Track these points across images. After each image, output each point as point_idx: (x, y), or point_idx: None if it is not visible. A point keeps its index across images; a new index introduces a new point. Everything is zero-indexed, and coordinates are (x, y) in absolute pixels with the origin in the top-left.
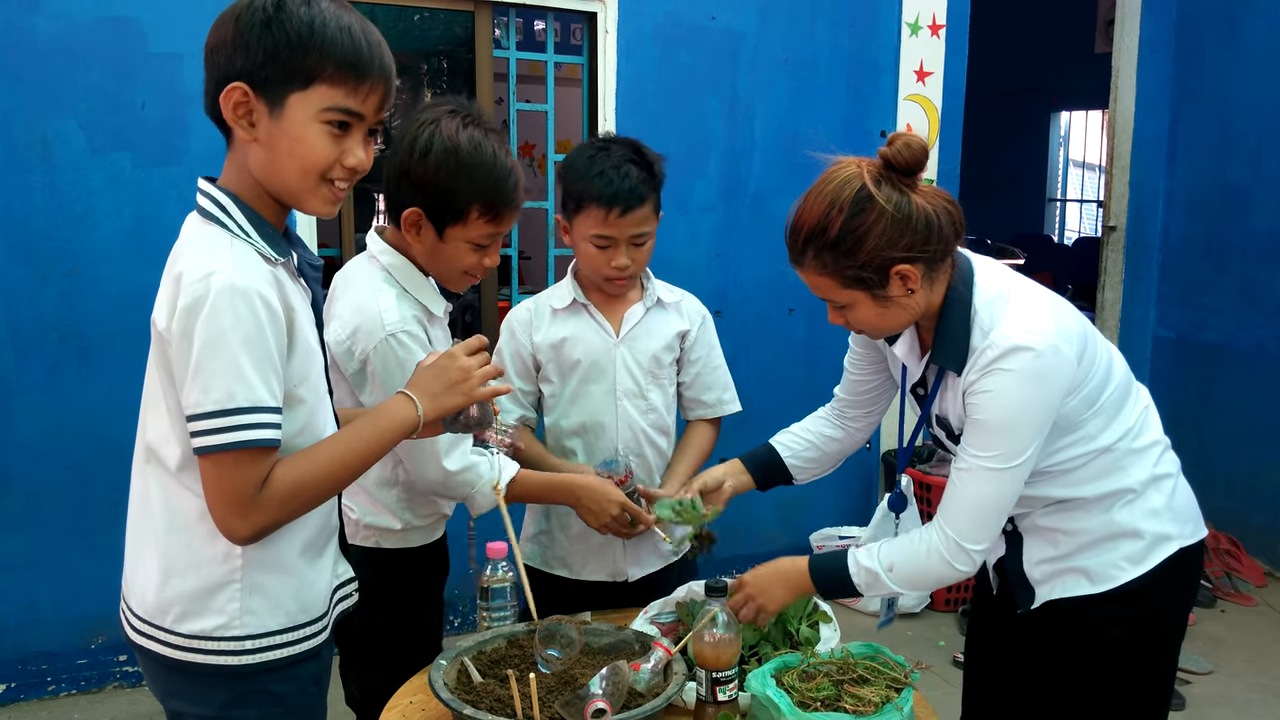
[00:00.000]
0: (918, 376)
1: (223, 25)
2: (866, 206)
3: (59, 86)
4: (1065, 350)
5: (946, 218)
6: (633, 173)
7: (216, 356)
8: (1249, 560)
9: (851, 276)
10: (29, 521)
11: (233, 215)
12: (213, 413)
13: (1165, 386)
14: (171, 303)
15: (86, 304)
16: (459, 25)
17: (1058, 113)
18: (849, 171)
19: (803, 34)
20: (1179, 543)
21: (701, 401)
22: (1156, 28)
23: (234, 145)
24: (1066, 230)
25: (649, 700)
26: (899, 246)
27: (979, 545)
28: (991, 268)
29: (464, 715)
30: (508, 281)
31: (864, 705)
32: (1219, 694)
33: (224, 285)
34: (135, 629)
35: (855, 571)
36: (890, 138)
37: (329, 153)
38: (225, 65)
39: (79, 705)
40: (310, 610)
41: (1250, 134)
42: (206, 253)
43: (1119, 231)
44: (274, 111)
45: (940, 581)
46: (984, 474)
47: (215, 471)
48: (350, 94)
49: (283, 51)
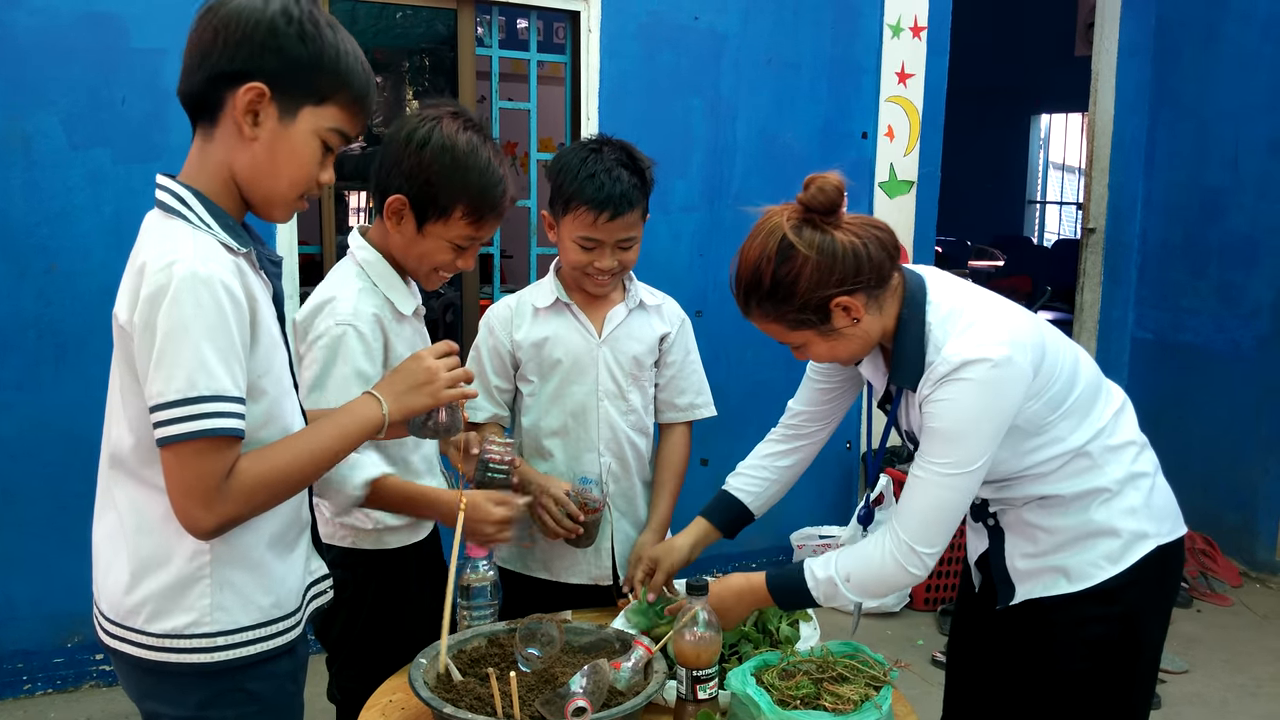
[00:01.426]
0: (882, 393)
1: (243, 21)
2: (791, 254)
3: (39, 82)
4: (1019, 360)
5: (875, 245)
6: (624, 177)
7: (179, 345)
8: (1224, 560)
9: (794, 320)
10: (4, 519)
11: (193, 208)
12: (175, 401)
13: (1143, 387)
14: (134, 294)
15: (64, 301)
16: (441, 22)
17: (1038, 115)
18: (772, 222)
19: (785, 35)
20: (1156, 541)
21: (674, 405)
22: (1136, 32)
23: (208, 139)
24: (1046, 232)
25: (629, 699)
26: (830, 284)
27: (930, 549)
28: (945, 283)
29: (444, 714)
30: (490, 280)
31: (843, 703)
32: (1195, 693)
33: (186, 274)
34: (107, 632)
35: (813, 585)
36: (806, 181)
37: (316, 168)
38: (245, 60)
39: (55, 704)
40: (283, 605)
41: (1228, 138)
42: (168, 242)
43: (1098, 234)
44: (284, 118)
45: (895, 587)
46: (937, 479)
47: (177, 461)
48: (351, 120)
49: (311, 67)
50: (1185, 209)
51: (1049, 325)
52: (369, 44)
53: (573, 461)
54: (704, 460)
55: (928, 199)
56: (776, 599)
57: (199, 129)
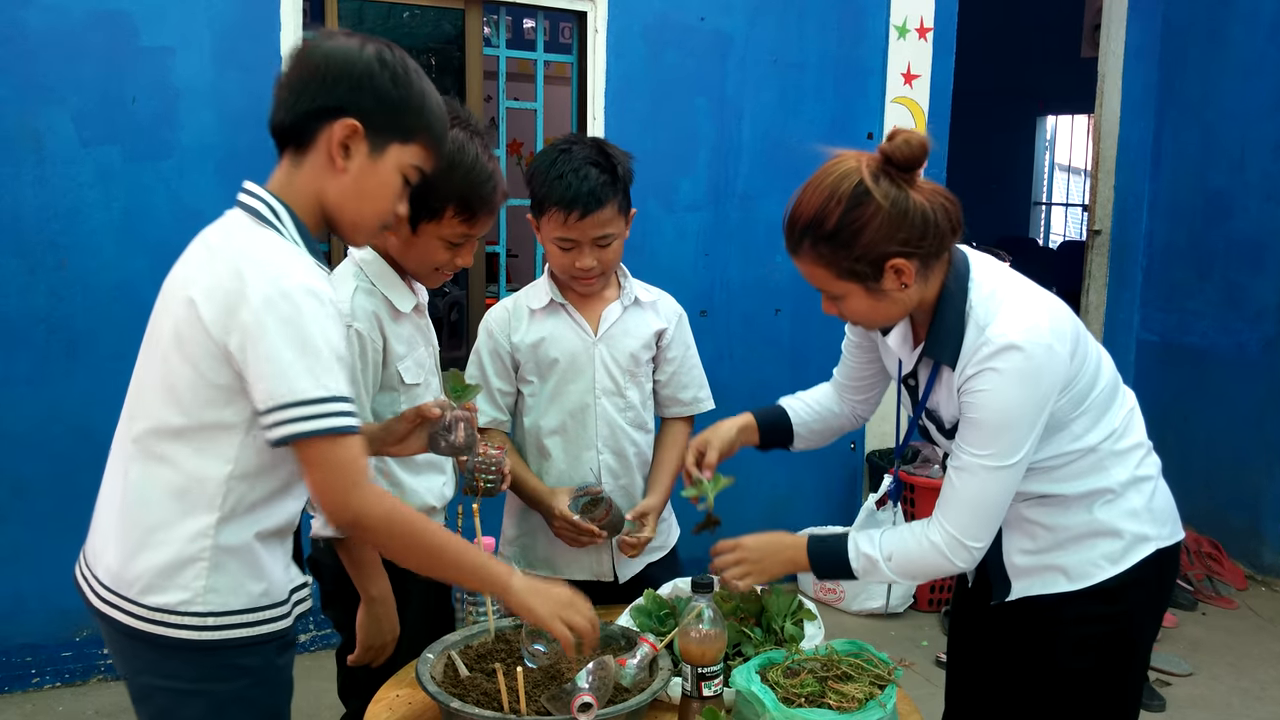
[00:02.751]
0: (910, 368)
1: (342, 61)
2: (864, 200)
3: (50, 79)
4: (1059, 349)
5: (943, 214)
6: (593, 175)
7: (303, 350)
8: (1230, 563)
9: (846, 269)
10: (14, 514)
11: (285, 223)
12: (308, 400)
13: (1148, 389)
14: (234, 295)
15: (75, 297)
16: (448, 22)
17: (1043, 117)
18: (848, 165)
19: (791, 36)
20: (1157, 544)
21: (678, 400)
22: (1143, 34)
23: (297, 165)
24: (1051, 234)
25: (635, 695)
26: (895, 241)
27: (978, 542)
28: (988, 264)
29: (451, 708)
30: (495, 279)
31: (848, 701)
32: (1199, 696)
33: (303, 286)
34: (99, 596)
35: (855, 556)
36: (891, 133)
37: (396, 200)
38: (343, 97)
39: (63, 698)
40: (271, 595)
41: (1234, 140)
42: (276, 254)
43: (1104, 235)
44: (373, 153)
45: (937, 574)
46: (981, 472)
47: (318, 454)
48: (429, 158)
49: (401, 108)
50: (1191, 211)
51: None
52: None
53: (572, 460)
54: None
55: None
56: (814, 562)
57: (288, 154)
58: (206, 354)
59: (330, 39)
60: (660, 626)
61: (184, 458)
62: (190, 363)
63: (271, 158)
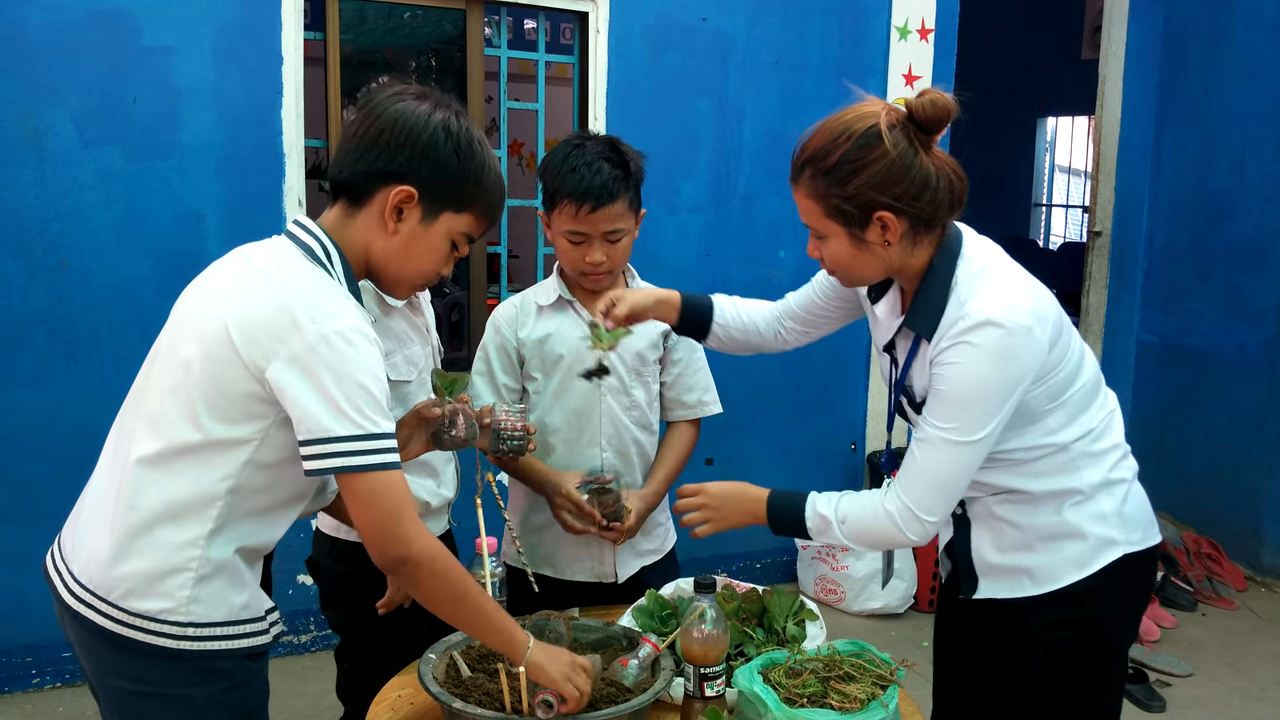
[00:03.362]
0: (889, 338)
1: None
2: (873, 143)
3: (51, 79)
4: (1038, 333)
5: (946, 185)
6: (605, 169)
7: (354, 389)
8: (1229, 564)
9: (835, 206)
10: (15, 514)
11: (334, 266)
12: (358, 436)
13: (1148, 391)
14: (280, 329)
15: (76, 298)
16: (449, 22)
17: (1044, 118)
18: (870, 109)
19: (792, 37)
20: (1124, 549)
21: (682, 403)
22: (1143, 35)
23: (350, 216)
24: (1052, 235)
25: (637, 695)
26: (889, 193)
27: (933, 516)
28: (980, 242)
29: (453, 709)
30: (496, 280)
31: (850, 702)
32: (1199, 697)
33: (352, 328)
34: (74, 594)
35: (810, 516)
36: (921, 91)
37: (442, 264)
38: (404, 164)
39: (63, 698)
40: (251, 609)
41: (1234, 141)
42: (327, 295)
43: (1104, 237)
44: (426, 220)
45: (889, 544)
46: (943, 445)
47: (365, 488)
48: (480, 226)
49: (460, 179)
50: (1191, 212)
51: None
52: (377, 43)
53: (575, 457)
54: (709, 460)
55: None
56: (771, 518)
57: (343, 202)
58: (235, 375)
59: (400, 100)
60: (662, 627)
61: (188, 469)
62: (214, 379)
63: (273, 159)
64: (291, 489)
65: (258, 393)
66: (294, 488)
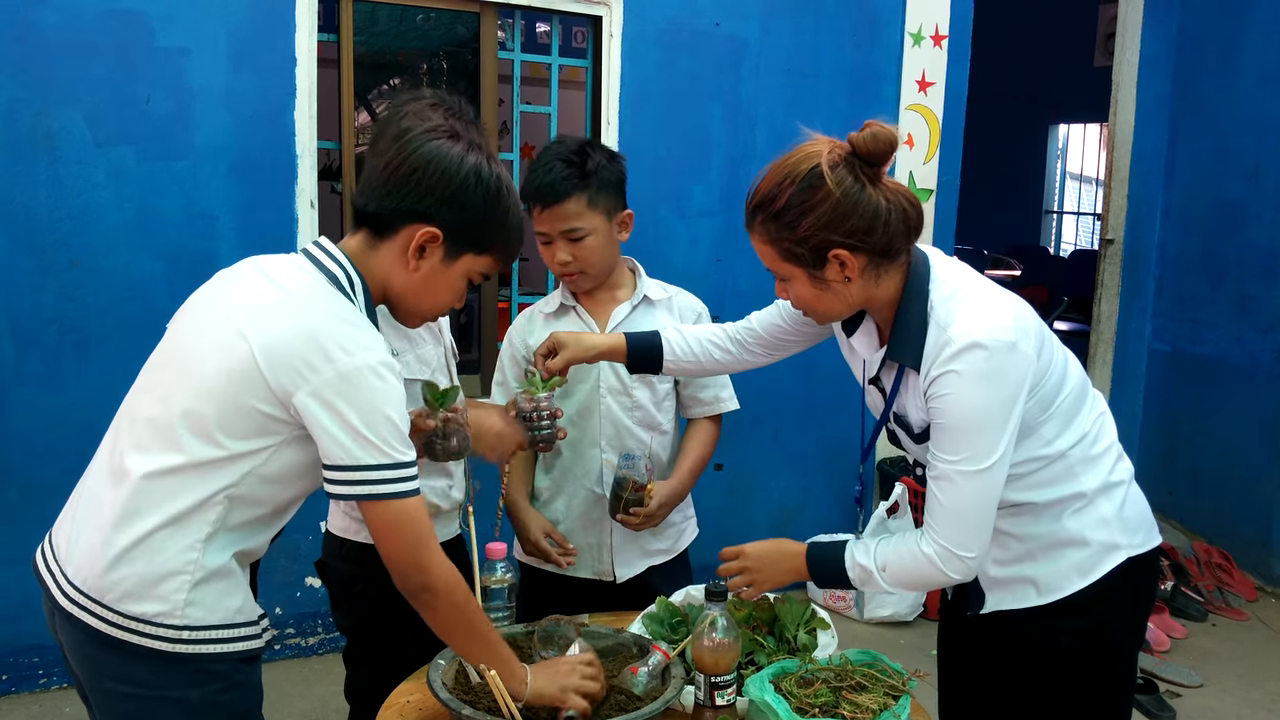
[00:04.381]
0: (874, 372)
1: (440, 170)
2: (815, 185)
3: (64, 79)
4: (1023, 346)
5: (899, 215)
6: (557, 169)
7: (379, 420)
8: (1240, 574)
9: (788, 250)
10: (25, 514)
11: (357, 295)
12: (383, 465)
13: (1159, 400)
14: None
15: (87, 297)
16: (462, 25)
17: (1055, 125)
18: (813, 149)
19: (805, 42)
20: (1127, 552)
21: (699, 400)
22: (1157, 43)
23: (373, 246)
24: (1063, 243)
25: (647, 704)
26: (839, 231)
27: (971, 551)
28: (948, 265)
29: (462, 715)
30: (507, 283)
31: (861, 712)
32: (1209, 708)
33: (379, 362)
34: (68, 596)
35: (850, 566)
36: (866, 124)
37: (457, 298)
38: (432, 206)
39: (70, 698)
40: (245, 613)
41: (1248, 150)
42: (353, 327)
43: (1116, 244)
44: (447, 260)
45: (932, 585)
46: (959, 479)
47: (388, 516)
48: (498, 266)
49: (485, 224)
50: (1204, 221)
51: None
52: (389, 46)
53: (577, 458)
54: (718, 465)
55: (947, 207)
56: (812, 572)
57: (365, 233)
58: (258, 397)
59: (434, 138)
60: (673, 634)
61: (192, 480)
62: (235, 401)
63: (285, 161)
64: (290, 498)
65: (278, 415)
66: (292, 497)
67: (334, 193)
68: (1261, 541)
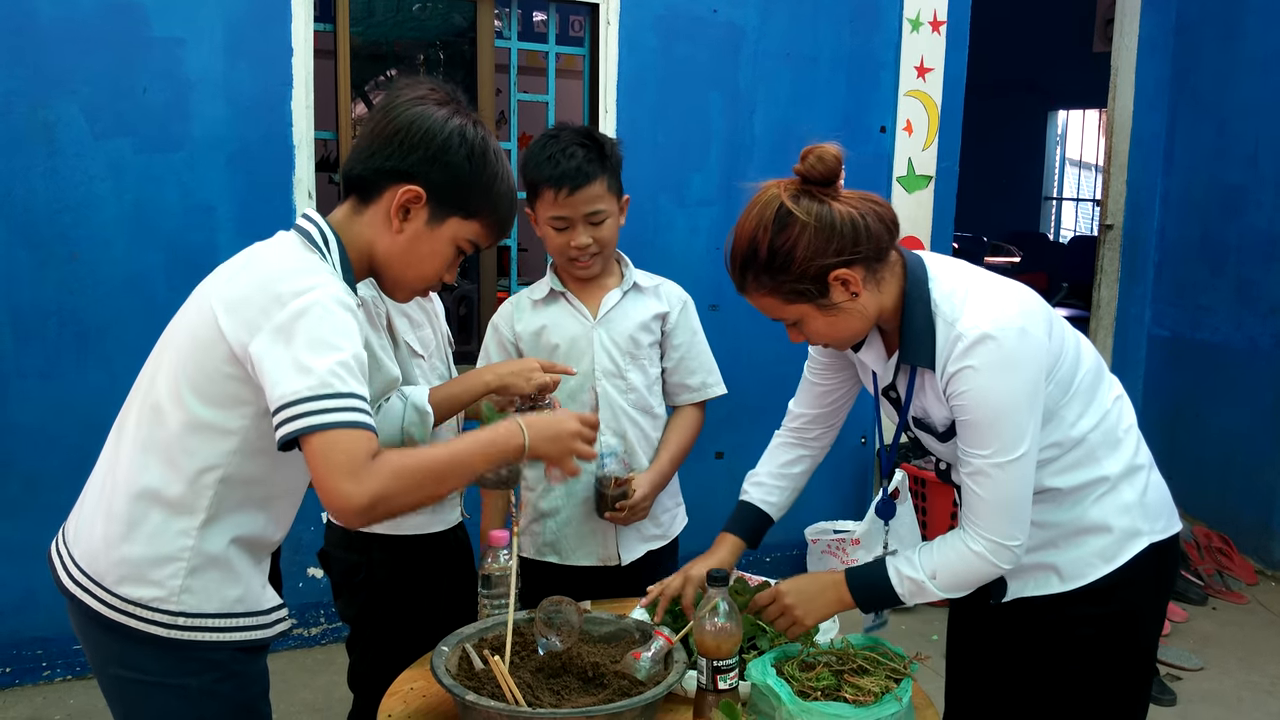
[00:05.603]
0: (889, 380)
1: (422, 129)
2: (788, 222)
3: (61, 70)
4: (1032, 330)
5: (874, 218)
6: (579, 153)
7: (320, 351)
8: (1240, 558)
9: (790, 291)
10: (26, 507)
11: (331, 253)
12: (314, 396)
13: (1160, 385)
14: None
15: (86, 289)
16: (459, 15)
17: (1054, 111)
18: (769, 194)
19: (804, 29)
20: (1149, 538)
21: (686, 385)
22: (1156, 28)
23: (359, 213)
24: (1062, 229)
25: (649, 689)
26: (829, 253)
27: (1016, 540)
28: (944, 262)
29: (465, 701)
30: (506, 273)
31: (863, 695)
32: (1209, 691)
33: (330, 297)
34: (73, 578)
35: (898, 582)
36: (804, 153)
37: (445, 269)
38: (415, 165)
39: (73, 690)
40: (246, 603)
41: (1248, 135)
42: (311, 271)
43: (1116, 230)
44: (432, 222)
45: (985, 580)
46: (993, 471)
47: (323, 447)
48: (488, 236)
49: (471, 186)
50: (1204, 206)
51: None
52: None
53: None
54: (719, 454)
55: (946, 194)
56: (858, 598)
57: (353, 199)
58: (218, 355)
59: (421, 103)
60: (675, 620)
61: (176, 454)
62: (198, 360)
63: (283, 151)
64: (287, 479)
65: (237, 374)
66: (290, 478)
67: (332, 183)
68: (1262, 525)
